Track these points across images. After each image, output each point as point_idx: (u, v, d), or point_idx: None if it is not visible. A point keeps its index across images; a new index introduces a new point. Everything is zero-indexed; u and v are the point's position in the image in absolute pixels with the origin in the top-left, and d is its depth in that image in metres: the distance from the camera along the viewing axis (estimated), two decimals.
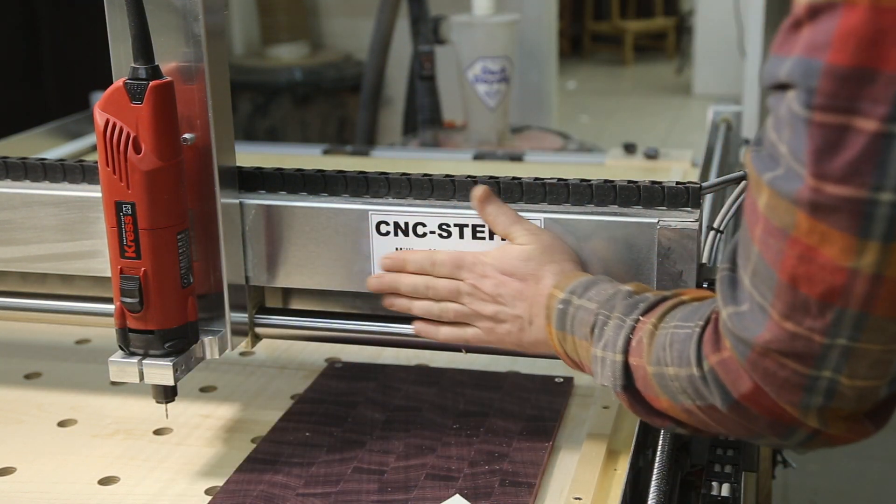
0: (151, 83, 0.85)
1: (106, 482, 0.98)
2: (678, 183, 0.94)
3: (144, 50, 0.86)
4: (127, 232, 0.88)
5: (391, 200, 0.98)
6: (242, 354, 1.24)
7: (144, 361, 0.91)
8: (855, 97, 0.61)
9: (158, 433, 1.07)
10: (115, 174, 0.86)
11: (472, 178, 0.97)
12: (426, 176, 0.98)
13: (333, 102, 3.67)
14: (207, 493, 0.95)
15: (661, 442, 0.91)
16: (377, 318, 1.05)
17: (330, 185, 1.00)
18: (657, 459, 0.89)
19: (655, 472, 0.87)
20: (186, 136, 0.91)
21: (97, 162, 0.89)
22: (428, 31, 2.34)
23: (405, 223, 0.97)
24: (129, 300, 0.89)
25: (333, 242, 0.99)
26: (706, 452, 0.96)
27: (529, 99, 3.35)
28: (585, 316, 0.87)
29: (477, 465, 0.98)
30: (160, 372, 0.91)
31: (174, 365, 0.91)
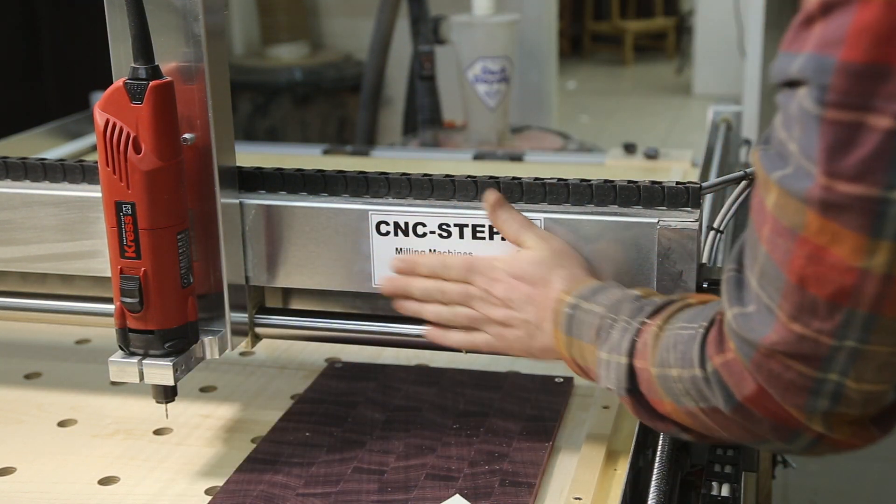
0: (151, 83, 0.85)
1: (106, 482, 0.98)
2: (678, 183, 0.94)
3: (144, 50, 0.86)
4: (127, 232, 0.88)
5: (391, 200, 0.98)
6: (242, 354, 1.24)
7: (144, 361, 0.91)
8: (869, 94, 0.60)
9: (158, 433, 1.07)
10: (115, 174, 0.86)
11: (472, 177, 0.97)
12: (426, 176, 0.98)
13: (333, 102, 3.67)
14: (207, 493, 0.95)
15: (661, 442, 0.91)
16: (377, 318, 1.05)
17: (330, 185, 1.00)
18: (657, 459, 0.89)
19: (655, 472, 0.87)
20: (186, 136, 0.91)
21: (97, 162, 0.89)
22: (428, 31, 2.34)
23: (405, 223, 0.97)
24: (129, 300, 0.89)
25: (333, 242, 0.99)
26: (706, 452, 0.96)
27: (529, 99, 3.35)
28: (592, 320, 0.86)
29: (477, 465, 0.98)
30: (160, 372, 0.91)
31: (174, 365, 0.91)
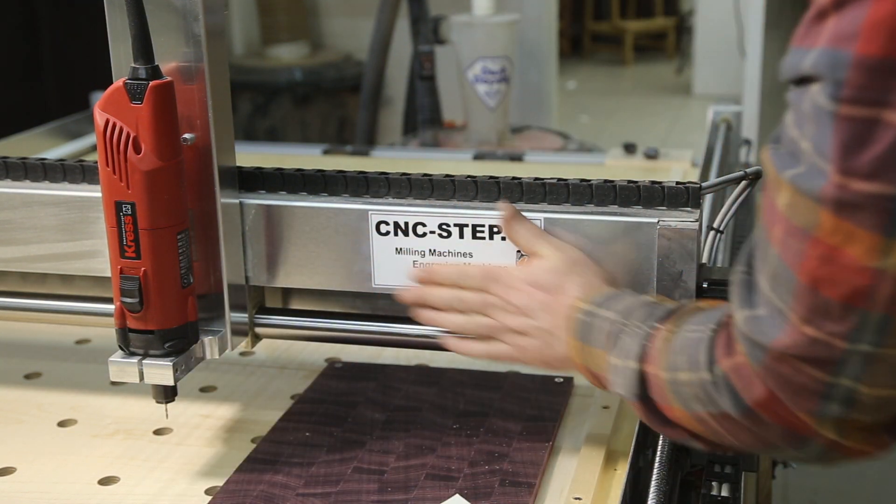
0: (151, 83, 0.85)
1: (106, 482, 0.98)
2: (678, 183, 0.94)
3: (144, 50, 0.86)
4: (127, 232, 0.88)
5: (391, 200, 0.98)
6: (242, 354, 1.24)
7: (144, 361, 0.91)
8: (885, 89, 0.58)
9: (158, 433, 1.07)
10: (115, 174, 0.86)
11: (472, 177, 0.97)
12: (426, 176, 0.98)
13: (333, 102, 3.67)
14: (207, 493, 0.95)
15: (661, 442, 0.91)
16: (377, 318, 1.05)
17: (330, 185, 1.00)
18: (657, 459, 0.89)
19: (655, 472, 0.87)
20: (186, 136, 0.91)
21: (97, 162, 0.89)
22: (428, 31, 2.34)
23: (405, 223, 0.97)
24: (129, 300, 0.89)
25: (333, 242, 0.99)
26: (706, 452, 0.96)
27: (529, 99, 3.35)
28: (605, 325, 0.86)
29: (477, 465, 0.98)
30: (160, 372, 0.91)
31: (174, 365, 0.91)
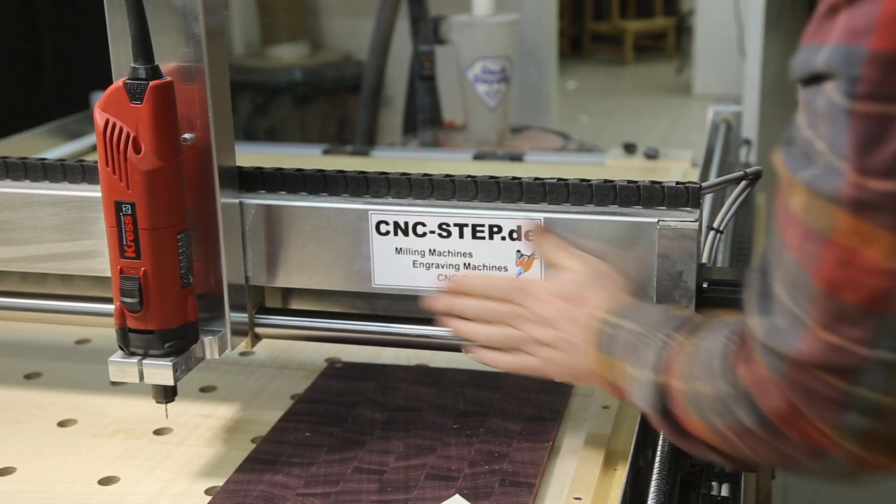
0: (151, 83, 0.85)
1: (106, 482, 0.98)
2: (678, 183, 0.94)
3: (144, 50, 0.86)
4: (127, 232, 0.88)
5: (391, 200, 0.98)
6: (242, 354, 1.24)
7: (144, 361, 0.91)
8: None
9: (158, 433, 1.07)
10: (115, 174, 0.86)
11: (472, 177, 0.97)
12: (426, 176, 0.98)
13: (333, 102, 3.67)
14: (207, 493, 0.95)
15: (661, 442, 0.91)
16: (377, 318, 1.05)
17: (330, 185, 1.00)
18: (657, 459, 0.89)
19: (655, 472, 0.87)
20: (186, 136, 0.91)
21: (97, 162, 0.89)
22: (428, 31, 2.34)
23: (405, 223, 0.97)
24: (129, 300, 0.89)
25: (333, 242, 0.99)
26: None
27: (529, 99, 3.35)
28: (625, 336, 0.85)
29: (477, 465, 0.98)
30: (160, 372, 0.91)
31: (174, 365, 0.91)
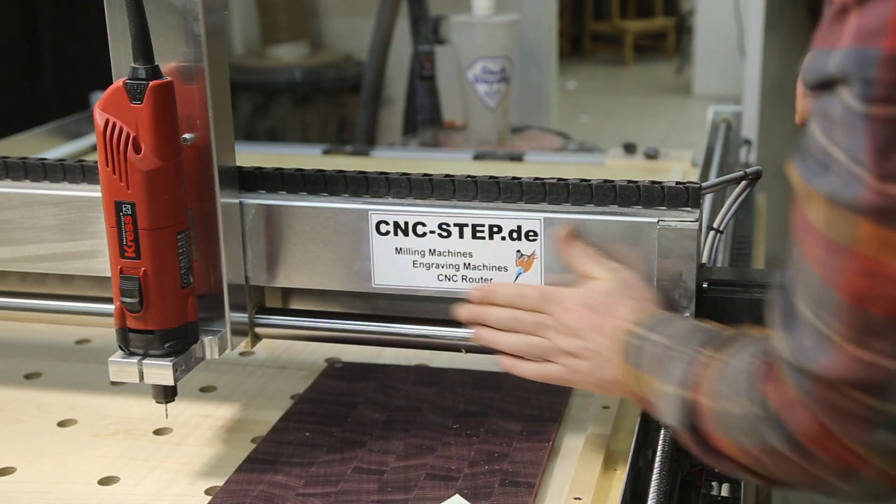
0: (151, 83, 0.85)
1: (106, 482, 0.98)
2: (678, 183, 0.94)
3: (144, 50, 0.86)
4: (127, 232, 0.88)
5: (391, 200, 0.98)
6: (242, 354, 1.23)
7: (144, 361, 0.91)
8: None
9: (158, 433, 1.07)
10: (115, 174, 0.86)
11: (472, 177, 0.97)
12: (426, 176, 0.98)
13: (333, 102, 3.66)
14: (207, 493, 0.95)
15: (661, 442, 0.91)
16: (377, 318, 1.05)
17: (330, 185, 1.00)
18: (657, 459, 0.89)
19: (655, 472, 0.87)
20: (186, 136, 0.91)
21: (97, 162, 0.89)
22: (428, 31, 2.34)
23: (405, 223, 0.97)
24: (129, 300, 0.89)
25: (333, 242, 0.99)
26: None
27: (529, 99, 3.35)
28: (655, 350, 0.84)
29: (477, 465, 0.98)
30: (160, 372, 0.91)
31: (174, 365, 0.91)
